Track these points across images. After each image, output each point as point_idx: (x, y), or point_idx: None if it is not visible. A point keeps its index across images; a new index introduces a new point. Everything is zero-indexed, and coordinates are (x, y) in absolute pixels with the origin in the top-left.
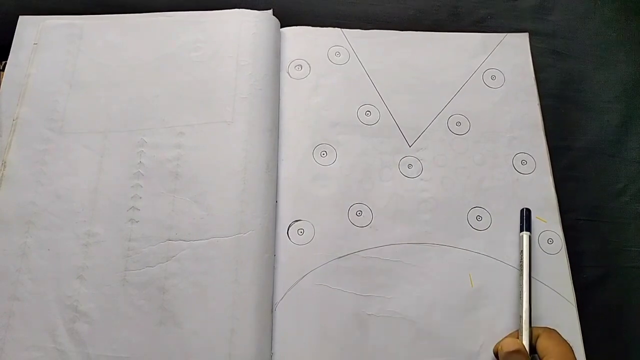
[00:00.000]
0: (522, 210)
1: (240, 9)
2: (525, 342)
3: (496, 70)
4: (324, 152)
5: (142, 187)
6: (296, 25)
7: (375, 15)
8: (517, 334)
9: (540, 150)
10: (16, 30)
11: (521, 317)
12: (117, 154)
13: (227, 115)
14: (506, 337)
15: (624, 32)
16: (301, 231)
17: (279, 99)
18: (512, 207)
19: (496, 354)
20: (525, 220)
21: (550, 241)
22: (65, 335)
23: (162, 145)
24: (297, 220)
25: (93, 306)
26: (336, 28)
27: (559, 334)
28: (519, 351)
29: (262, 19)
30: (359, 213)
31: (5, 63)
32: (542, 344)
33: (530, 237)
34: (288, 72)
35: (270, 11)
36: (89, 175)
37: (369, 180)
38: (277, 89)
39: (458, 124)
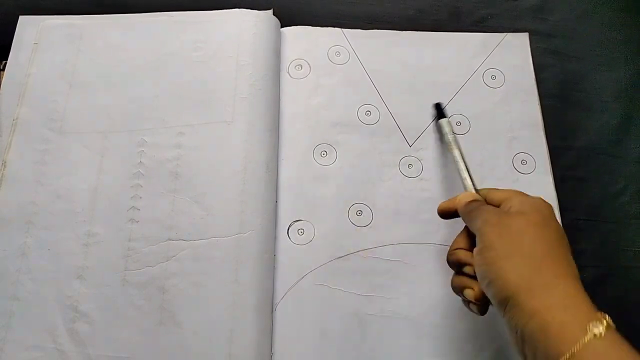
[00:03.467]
0: (434, 105)
1: (240, 9)
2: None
3: (496, 70)
4: (324, 152)
5: (142, 187)
6: (296, 25)
7: (375, 15)
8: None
9: (540, 150)
10: (16, 30)
11: (463, 183)
12: (117, 154)
13: (227, 115)
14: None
15: (624, 32)
16: (301, 231)
17: (279, 99)
18: None
19: (444, 214)
20: (439, 109)
21: None
22: (65, 335)
23: (162, 145)
24: (297, 220)
25: (93, 306)
26: (336, 28)
27: None
28: (476, 200)
29: (262, 19)
30: (359, 213)
31: (5, 63)
32: (495, 195)
33: (449, 121)
34: (288, 72)
35: (271, 11)
36: (89, 175)
37: (369, 180)
38: (277, 89)
39: (458, 123)
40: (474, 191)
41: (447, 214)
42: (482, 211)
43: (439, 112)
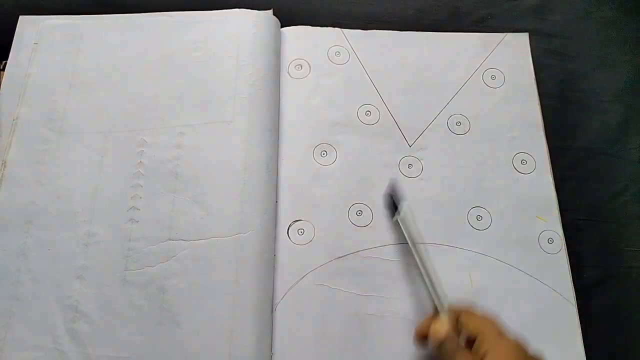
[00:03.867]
0: (385, 197)
1: (240, 9)
2: (449, 324)
3: (496, 70)
4: (324, 152)
5: (142, 187)
6: (296, 25)
7: (375, 15)
8: (434, 317)
9: (540, 150)
10: (16, 30)
11: (432, 298)
12: (117, 154)
13: (227, 115)
14: (427, 321)
15: (624, 32)
16: (301, 231)
17: (279, 99)
18: (512, 207)
19: (422, 342)
20: (392, 204)
21: (550, 241)
22: (65, 335)
23: (162, 145)
24: (297, 220)
25: (93, 306)
26: (336, 28)
27: (482, 311)
28: (450, 338)
29: (262, 19)
30: (359, 213)
31: (6, 63)
32: (470, 324)
33: (403, 214)
34: (288, 72)
35: (271, 11)
36: (89, 175)
37: (369, 180)
38: (277, 89)
39: (458, 123)
40: (444, 310)
41: (424, 342)
42: None
43: (393, 204)
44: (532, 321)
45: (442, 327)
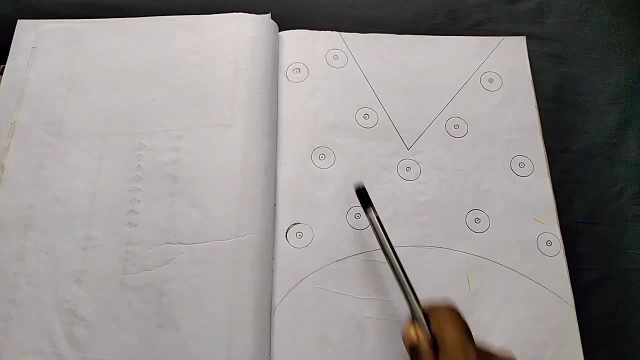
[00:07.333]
0: (356, 190)
1: (239, 13)
2: (422, 331)
3: (493, 74)
4: (323, 155)
5: (140, 190)
6: (294, 28)
7: (373, 19)
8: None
9: (538, 153)
10: (14, 34)
11: (406, 299)
12: (116, 157)
13: (225, 118)
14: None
15: (621, 35)
16: (300, 234)
17: (277, 103)
18: (510, 209)
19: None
20: (365, 196)
21: (548, 243)
22: (63, 339)
23: (160, 148)
24: (295, 224)
25: (91, 310)
26: (334, 31)
27: (451, 310)
28: (419, 343)
29: (260, 23)
30: (357, 216)
31: (4, 67)
32: (434, 327)
33: (375, 210)
34: (286, 76)
35: (269, 15)
36: (87, 179)
37: (367, 183)
38: (276, 93)
39: (456, 126)
40: (418, 311)
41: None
42: None
43: (362, 198)
44: (531, 324)
45: (409, 332)
